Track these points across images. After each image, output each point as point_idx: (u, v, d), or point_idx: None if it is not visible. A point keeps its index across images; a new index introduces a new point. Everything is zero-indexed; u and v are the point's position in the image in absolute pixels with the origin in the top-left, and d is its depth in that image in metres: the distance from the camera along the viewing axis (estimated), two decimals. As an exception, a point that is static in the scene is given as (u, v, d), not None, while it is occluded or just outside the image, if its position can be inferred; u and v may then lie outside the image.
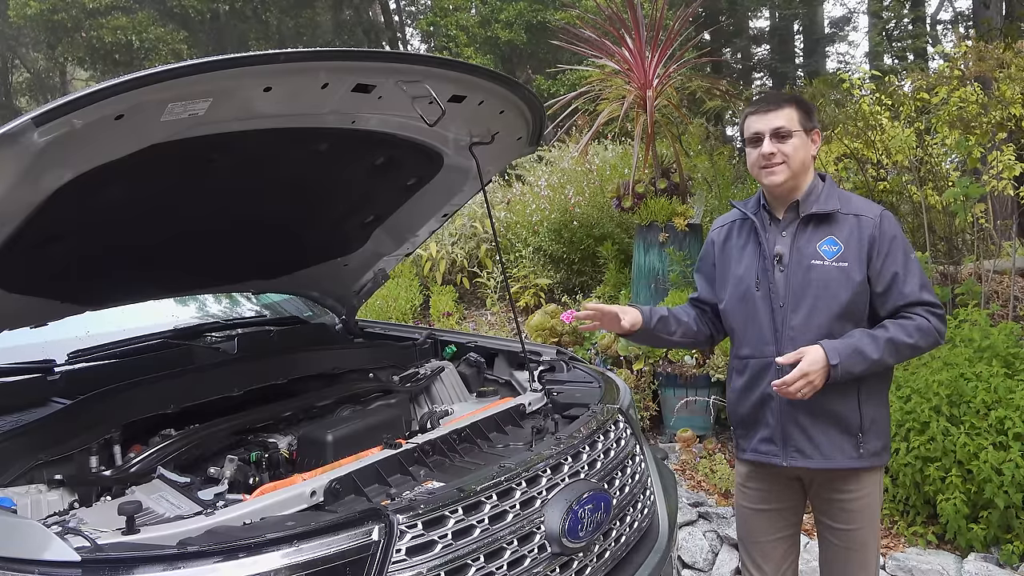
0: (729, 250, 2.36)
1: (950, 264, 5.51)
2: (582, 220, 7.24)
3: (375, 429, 2.30)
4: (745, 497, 2.42)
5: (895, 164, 5.76)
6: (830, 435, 2.18)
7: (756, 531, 2.41)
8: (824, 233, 2.20)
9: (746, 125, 2.25)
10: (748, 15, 16.46)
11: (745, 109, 2.33)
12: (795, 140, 2.18)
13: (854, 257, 2.15)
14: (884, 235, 2.17)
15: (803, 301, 2.17)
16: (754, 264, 2.26)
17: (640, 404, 4.98)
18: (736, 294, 2.30)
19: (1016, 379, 3.55)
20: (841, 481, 2.24)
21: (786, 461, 2.23)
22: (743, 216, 2.35)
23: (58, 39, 15.03)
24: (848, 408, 2.17)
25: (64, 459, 1.99)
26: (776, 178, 2.19)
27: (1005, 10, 10.46)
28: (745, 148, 2.29)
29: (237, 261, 2.79)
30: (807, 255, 2.19)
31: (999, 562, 3.34)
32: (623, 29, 5.82)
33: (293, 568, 1.46)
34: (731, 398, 2.38)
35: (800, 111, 2.21)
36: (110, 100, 1.58)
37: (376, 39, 18.26)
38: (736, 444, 2.42)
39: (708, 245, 2.46)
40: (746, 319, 2.27)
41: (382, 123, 2.31)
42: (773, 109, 2.20)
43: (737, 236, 2.35)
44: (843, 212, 2.21)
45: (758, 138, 2.20)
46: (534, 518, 1.85)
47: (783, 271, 2.21)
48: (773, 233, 2.27)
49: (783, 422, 2.22)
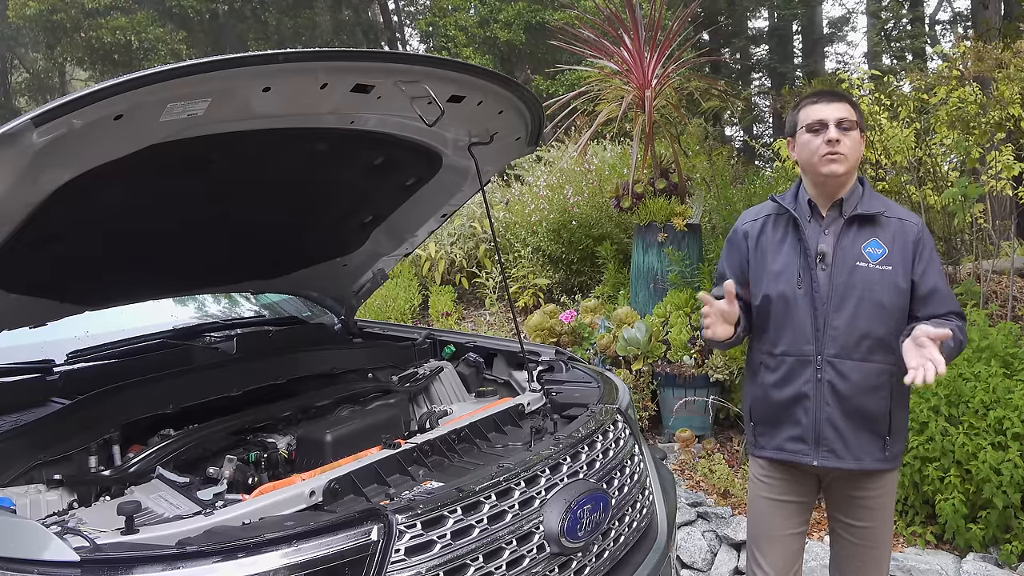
0: (764, 245, 2.30)
1: (949, 264, 5.52)
2: (581, 220, 7.24)
3: (374, 429, 2.31)
4: (765, 488, 2.37)
5: (894, 164, 5.76)
6: (860, 437, 2.19)
7: (773, 525, 2.36)
8: (868, 235, 2.19)
9: (805, 113, 2.22)
10: (747, 15, 16.48)
11: (802, 100, 2.29)
12: (855, 134, 2.19)
13: (898, 261, 2.16)
14: (926, 242, 2.20)
15: (847, 302, 2.16)
16: (795, 261, 2.22)
17: (639, 404, 4.98)
18: (774, 290, 2.24)
19: (1015, 379, 3.56)
20: (864, 480, 2.24)
21: (817, 461, 2.21)
22: (779, 210, 2.30)
23: (57, 39, 15.03)
24: (880, 410, 2.19)
25: (63, 459, 1.98)
26: (838, 167, 2.15)
27: (1004, 10, 10.48)
28: (798, 139, 2.25)
29: (236, 261, 2.79)
30: (852, 256, 2.18)
31: (998, 562, 3.34)
32: (622, 29, 5.82)
33: (292, 568, 1.46)
34: (755, 393, 2.34)
35: (856, 109, 2.22)
36: (109, 100, 1.58)
37: (375, 39, 18.26)
38: (753, 441, 2.37)
39: (739, 238, 2.37)
40: (785, 317, 2.23)
41: (381, 123, 2.31)
42: (836, 100, 2.20)
43: (773, 230, 2.30)
44: (887, 215, 2.21)
45: (822, 125, 2.16)
46: (533, 518, 1.85)
47: (825, 270, 2.19)
48: (815, 230, 2.23)
49: (818, 422, 2.19)
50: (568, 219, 7.32)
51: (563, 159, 8.23)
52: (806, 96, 2.30)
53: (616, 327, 5.30)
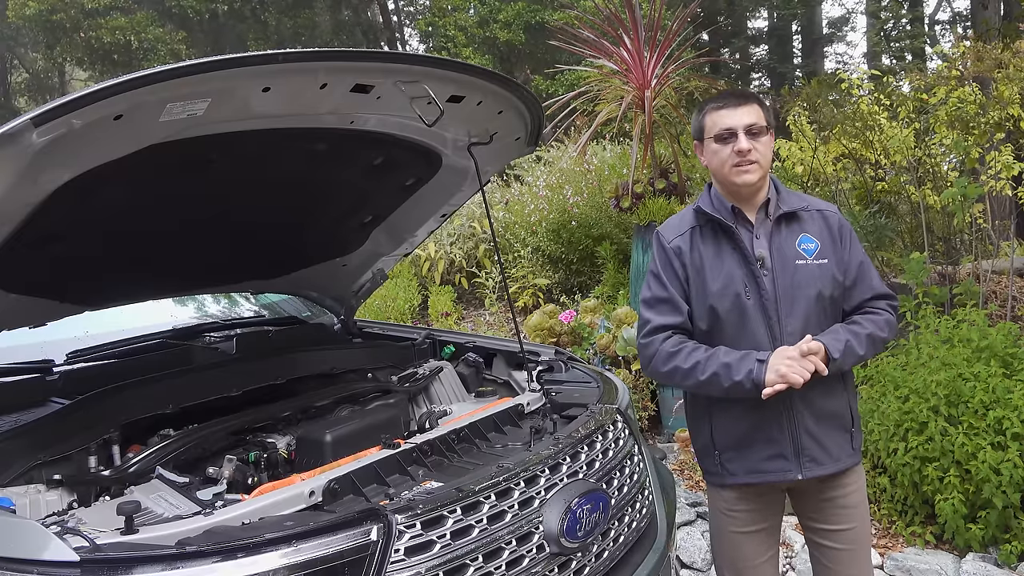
0: (698, 260, 2.14)
1: (948, 264, 5.52)
2: (580, 220, 7.25)
3: (374, 429, 2.30)
4: (734, 522, 2.24)
5: (893, 164, 5.77)
6: (833, 436, 2.13)
7: (749, 555, 2.25)
8: (797, 232, 2.14)
9: (711, 120, 2.11)
10: (746, 15, 16.48)
11: (706, 104, 2.17)
12: (766, 138, 2.11)
13: (830, 253, 2.13)
14: (846, 228, 2.17)
15: (796, 304, 2.09)
16: (737, 271, 2.10)
17: (638, 404, 4.98)
18: (724, 307, 2.09)
19: (1014, 379, 3.55)
20: (838, 478, 2.18)
21: (802, 474, 2.10)
22: (703, 220, 2.17)
23: (57, 39, 15.04)
24: (842, 405, 2.16)
25: (63, 459, 1.98)
26: (751, 177, 2.08)
27: (1003, 10, 10.49)
28: (707, 146, 2.14)
29: (236, 261, 2.79)
30: (790, 256, 2.11)
31: (997, 562, 3.34)
32: (621, 29, 5.83)
33: (292, 568, 1.46)
34: (717, 420, 2.17)
35: (764, 109, 2.13)
36: (109, 100, 1.58)
37: (375, 39, 18.28)
38: (719, 471, 2.19)
39: (670, 256, 2.17)
40: (737, 332, 2.08)
41: (380, 123, 2.31)
42: (743, 104, 2.09)
43: (703, 243, 2.15)
44: (807, 209, 2.17)
45: (730, 133, 2.07)
46: (532, 518, 1.85)
47: (768, 274, 2.09)
48: (747, 236, 2.13)
49: (796, 434, 2.09)
50: (568, 219, 7.32)
51: (563, 159, 8.24)
52: (710, 99, 2.18)
53: (616, 327, 5.30)
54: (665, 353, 2.11)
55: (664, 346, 2.11)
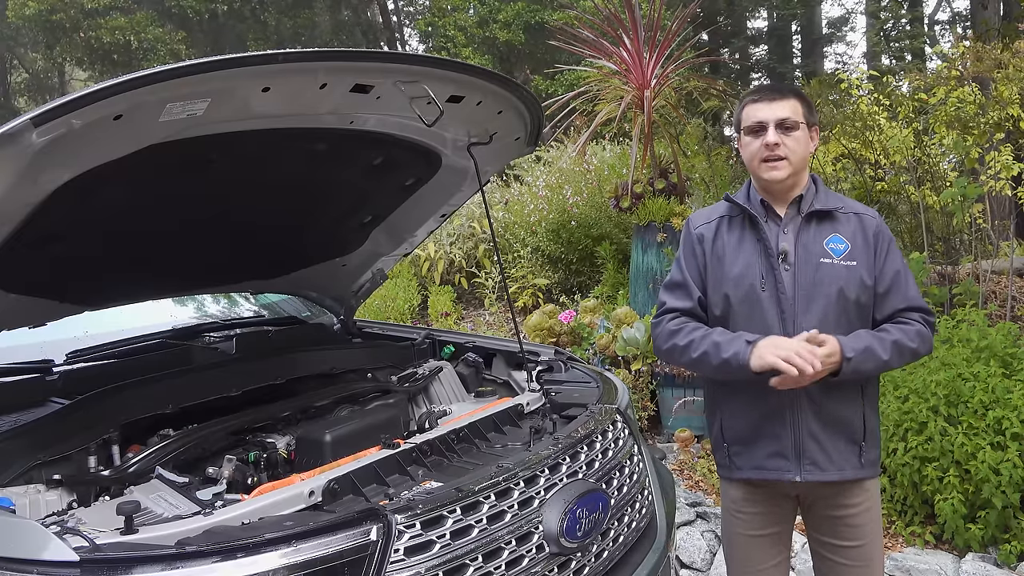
0: (721, 248, 2.16)
1: (948, 264, 5.52)
2: (580, 220, 7.25)
3: (373, 429, 2.30)
4: (742, 524, 2.22)
5: (893, 164, 5.77)
6: (838, 445, 2.08)
7: (756, 559, 2.22)
8: (828, 231, 2.11)
9: (746, 113, 2.11)
10: (746, 15, 16.47)
11: (745, 97, 2.17)
12: (799, 133, 2.08)
13: (861, 256, 2.08)
14: (884, 235, 2.13)
15: (814, 301, 2.06)
16: (756, 262, 2.10)
17: (638, 404, 4.98)
18: (737, 295, 2.10)
19: (1014, 379, 3.56)
20: (845, 495, 2.13)
21: (801, 476, 2.07)
22: (733, 211, 2.19)
23: (56, 39, 15.03)
24: (855, 415, 2.09)
25: (63, 459, 1.98)
26: (778, 173, 2.07)
27: (1003, 10, 10.49)
28: (741, 139, 2.14)
29: (236, 261, 2.79)
30: (815, 253, 2.08)
31: (997, 562, 3.35)
32: (621, 29, 5.83)
33: (291, 568, 1.46)
34: (727, 411, 2.18)
35: (804, 104, 2.11)
36: (109, 100, 1.58)
37: (374, 39, 18.28)
38: (728, 464, 2.20)
39: (694, 243, 2.21)
40: (748, 323, 2.07)
41: (380, 123, 2.31)
42: (778, 99, 2.08)
43: (728, 232, 2.17)
44: (843, 211, 2.14)
45: (761, 127, 2.07)
46: (532, 518, 1.85)
47: (789, 270, 2.07)
48: (772, 230, 2.12)
49: (798, 434, 2.06)
50: (567, 219, 7.33)
51: (562, 159, 8.24)
52: (748, 93, 2.19)
53: (615, 327, 5.30)
54: (667, 332, 2.16)
55: (667, 325, 2.17)
